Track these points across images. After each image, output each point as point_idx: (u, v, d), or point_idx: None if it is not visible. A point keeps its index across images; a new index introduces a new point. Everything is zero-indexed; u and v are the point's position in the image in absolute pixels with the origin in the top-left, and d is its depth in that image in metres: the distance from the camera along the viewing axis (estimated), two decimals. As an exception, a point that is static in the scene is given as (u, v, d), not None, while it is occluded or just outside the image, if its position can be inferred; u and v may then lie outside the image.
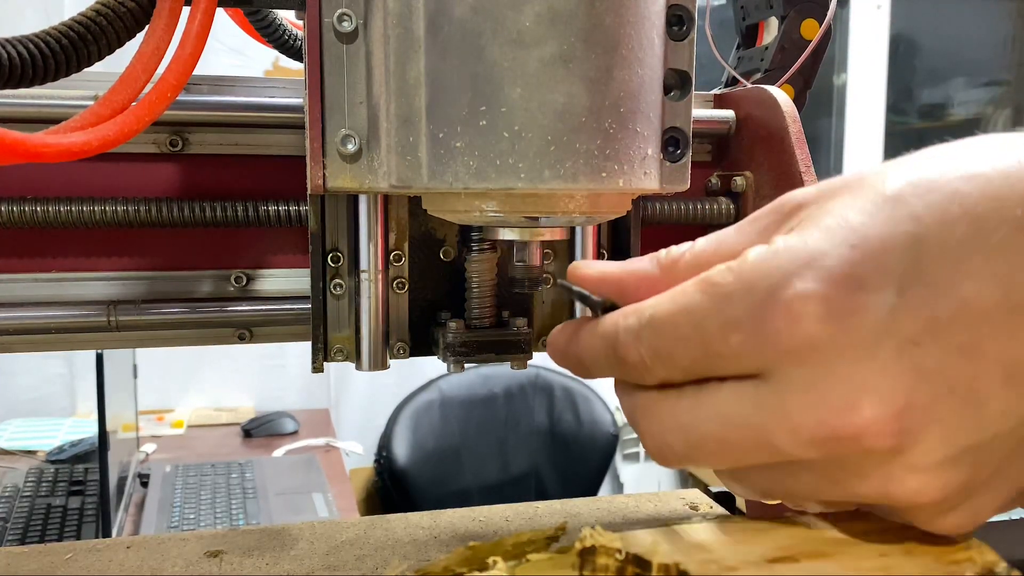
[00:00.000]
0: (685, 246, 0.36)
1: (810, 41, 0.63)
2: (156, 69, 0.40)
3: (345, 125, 0.41)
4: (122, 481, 1.54)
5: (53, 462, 1.74)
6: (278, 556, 0.52)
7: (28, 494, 1.54)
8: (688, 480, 2.70)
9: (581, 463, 2.46)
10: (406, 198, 0.54)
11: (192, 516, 1.51)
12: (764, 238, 0.32)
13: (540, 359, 0.52)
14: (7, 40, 0.37)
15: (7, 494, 1.55)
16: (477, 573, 0.28)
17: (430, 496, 2.27)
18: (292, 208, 0.55)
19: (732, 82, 0.68)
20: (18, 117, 0.50)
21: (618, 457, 2.64)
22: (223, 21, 0.53)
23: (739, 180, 0.62)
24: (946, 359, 0.27)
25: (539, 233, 0.44)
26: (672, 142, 0.43)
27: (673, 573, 0.27)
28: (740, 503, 0.61)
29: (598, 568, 0.28)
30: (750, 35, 0.70)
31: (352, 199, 0.53)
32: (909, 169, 0.31)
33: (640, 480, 2.69)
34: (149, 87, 0.40)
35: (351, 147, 0.41)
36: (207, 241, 0.57)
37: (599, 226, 0.58)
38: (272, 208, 0.55)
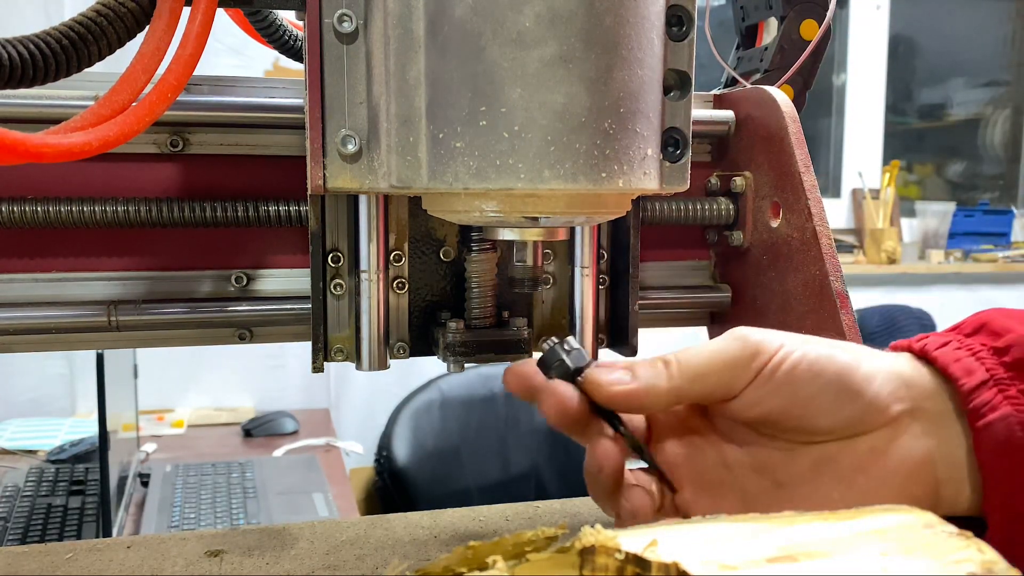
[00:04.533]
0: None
1: (809, 41, 0.63)
2: (156, 69, 0.40)
3: (345, 125, 0.41)
4: (122, 481, 1.54)
5: (53, 462, 1.73)
6: (278, 556, 0.52)
7: (28, 494, 1.54)
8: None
9: (581, 463, 2.45)
10: (406, 198, 0.54)
11: (192, 516, 1.50)
12: None
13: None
14: (7, 40, 0.37)
15: (7, 494, 1.55)
16: (477, 573, 0.28)
17: (430, 496, 2.27)
18: (292, 208, 0.55)
19: (732, 82, 0.68)
20: (18, 117, 0.50)
21: (618, 457, 2.63)
22: (223, 21, 0.53)
23: (738, 180, 0.62)
24: None
25: (539, 233, 0.44)
26: (672, 142, 0.43)
27: (673, 573, 0.27)
28: None
29: (598, 567, 0.28)
30: (749, 35, 0.70)
31: (352, 199, 0.53)
32: None
33: (640, 480, 2.69)
34: (149, 87, 0.40)
35: (351, 147, 0.41)
36: (207, 241, 0.57)
37: (599, 226, 0.58)
38: (272, 208, 0.55)
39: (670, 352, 0.42)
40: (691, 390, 0.41)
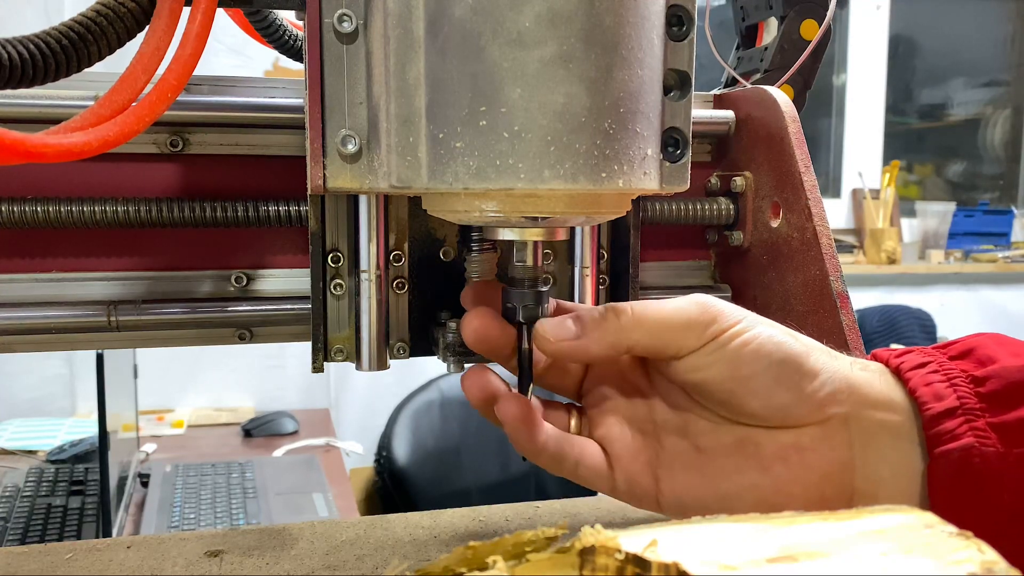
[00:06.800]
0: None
1: (809, 41, 0.63)
2: (156, 69, 0.40)
3: (345, 125, 0.41)
4: (122, 481, 1.54)
5: (53, 462, 1.73)
6: (278, 556, 0.52)
7: (28, 494, 1.54)
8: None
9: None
10: (406, 198, 0.54)
11: (192, 516, 1.51)
12: None
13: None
14: (7, 40, 0.37)
15: (7, 494, 1.55)
16: (477, 573, 0.28)
17: (430, 496, 2.27)
18: (292, 208, 0.55)
19: (732, 82, 0.68)
20: (18, 117, 0.50)
21: (618, 457, 2.63)
22: (223, 21, 0.53)
23: (739, 180, 0.62)
24: None
25: (539, 233, 0.44)
26: (672, 142, 0.43)
27: (673, 573, 0.27)
28: None
29: (598, 568, 0.28)
30: (750, 35, 0.70)
31: (352, 199, 0.53)
32: None
33: (640, 480, 2.69)
34: (149, 87, 0.40)
35: (351, 147, 0.41)
36: (207, 241, 0.57)
37: (599, 226, 0.58)
38: (272, 208, 0.55)
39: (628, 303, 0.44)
40: (640, 342, 0.43)
